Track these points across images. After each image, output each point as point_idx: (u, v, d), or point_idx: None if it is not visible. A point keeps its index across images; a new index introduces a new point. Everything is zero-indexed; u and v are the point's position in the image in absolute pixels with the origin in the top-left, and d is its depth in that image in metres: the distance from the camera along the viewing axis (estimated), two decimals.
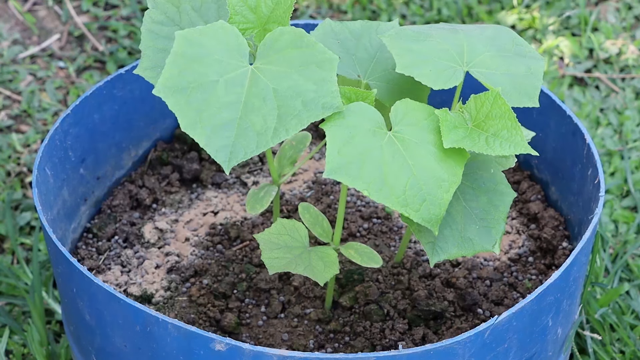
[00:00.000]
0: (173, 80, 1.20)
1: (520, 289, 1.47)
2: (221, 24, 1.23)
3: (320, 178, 1.64)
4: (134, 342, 1.29)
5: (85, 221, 1.58)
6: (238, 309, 1.45)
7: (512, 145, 1.22)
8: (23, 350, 1.65)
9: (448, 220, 1.28)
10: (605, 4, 2.31)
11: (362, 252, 1.35)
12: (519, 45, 1.34)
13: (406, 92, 1.33)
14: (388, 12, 2.27)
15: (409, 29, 1.32)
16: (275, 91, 1.20)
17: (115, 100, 1.57)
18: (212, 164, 1.65)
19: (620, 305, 1.72)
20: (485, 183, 1.31)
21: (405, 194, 1.20)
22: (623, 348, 1.66)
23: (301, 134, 1.43)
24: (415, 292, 1.45)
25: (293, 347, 1.40)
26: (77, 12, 2.27)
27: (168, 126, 1.68)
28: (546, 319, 1.32)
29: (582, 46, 2.21)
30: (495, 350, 1.26)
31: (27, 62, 2.17)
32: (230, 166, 1.18)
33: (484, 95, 1.24)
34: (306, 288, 1.46)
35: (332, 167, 1.19)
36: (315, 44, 1.21)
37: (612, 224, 1.87)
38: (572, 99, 2.10)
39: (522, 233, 1.57)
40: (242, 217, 1.58)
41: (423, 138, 1.22)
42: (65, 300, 1.43)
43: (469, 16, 2.27)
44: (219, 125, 1.19)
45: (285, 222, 1.35)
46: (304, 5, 2.29)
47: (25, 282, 1.73)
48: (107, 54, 2.17)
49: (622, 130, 2.03)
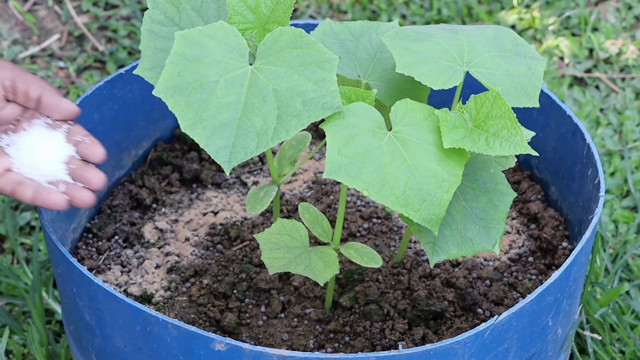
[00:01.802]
0: (173, 81, 1.20)
1: (520, 289, 1.47)
2: (221, 24, 1.23)
3: (320, 178, 1.64)
4: (134, 342, 1.29)
5: (85, 221, 1.58)
6: (238, 309, 1.45)
7: (512, 145, 1.22)
8: (23, 350, 1.65)
9: (448, 220, 1.28)
10: (605, 4, 2.31)
11: (362, 252, 1.35)
12: (519, 46, 1.34)
13: (406, 92, 1.33)
14: (388, 12, 2.27)
15: (409, 29, 1.32)
16: (275, 91, 1.20)
17: (115, 100, 1.57)
18: (212, 164, 1.65)
19: (620, 305, 1.72)
20: (485, 183, 1.31)
21: (405, 194, 1.20)
22: (623, 348, 1.66)
23: (301, 134, 1.43)
24: (415, 292, 1.45)
25: (293, 347, 1.40)
26: (77, 12, 2.27)
27: (168, 126, 1.68)
28: (546, 319, 1.32)
29: (582, 46, 2.21)
30: (495, 350, 1.26)
31: (27, 62, 2.17)
32: (231, 166, 1.18)
33: (484, 95, 1.24)
34: (306, 288, 1.46)
35: (332, 167, 1.19)
36: (315, 44, 1.21)
37: (612, 224, 1.87)
38: (572, 99, 2.10)
39: (522, 233, 1.57)
40: (242, 217, 1.58)
41: (423, 138, 1.22)
42: (65, 300, 1.43)
43: (469, 16, 2.27)
44: (219, 126, 1.19)
45: (285, 222, 1.35)
46: (304, 5, 2.29)
47: (25, 282, 1.73)
48: (107, 54, 2.17)
49: (622, 130, 2.03)
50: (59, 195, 1.33)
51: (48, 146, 1.37)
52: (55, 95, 1.37)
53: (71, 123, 1.39)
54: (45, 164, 1.36)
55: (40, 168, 1.36)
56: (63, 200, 1.33)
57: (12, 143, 1.37)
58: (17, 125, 1.38)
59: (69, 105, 1.37)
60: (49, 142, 1.37)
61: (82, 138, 1.38)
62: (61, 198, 1.33)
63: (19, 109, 1.37)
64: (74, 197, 1.34)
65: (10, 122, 1.37)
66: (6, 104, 1.36)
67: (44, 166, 1.36)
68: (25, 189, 1.34)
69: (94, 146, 1.38)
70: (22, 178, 1.35)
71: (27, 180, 1.35)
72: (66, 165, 1.36)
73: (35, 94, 1.36)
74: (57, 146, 1.37)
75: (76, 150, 1.38)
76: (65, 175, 1.36)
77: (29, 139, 1.37)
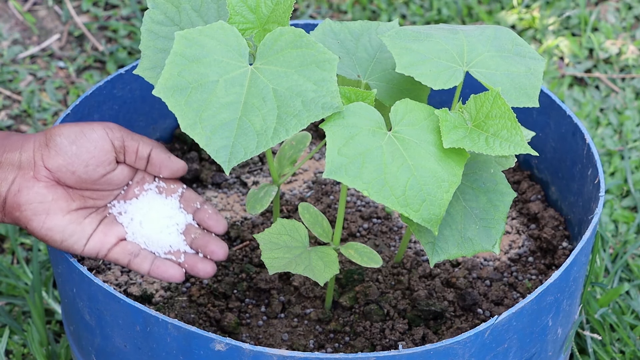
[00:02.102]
0: (173, 81, 1.20)
1: (520, 289, 1.47)
2: (221, 24, 1.23)
3: (320, 178, 1.64)
4: (134, 342, 1.29)
5: None
6: (238, 309, 1.45)
7: (512, 145, 1.22)
8: (23, 350, 1.65)
9: (448, 220, 1.28)
10: (605, 4, 2.31)
11: (362, 252, 1.35)
12: (519, 46, 1.34)
13: (406, 92, 1.33)
14: (388, 12, 2.27)
15: (409, 29, 1.32)
16: (275, 91, 1.20)
17: (115, 100, 1.57)
18: (212, 164, 1.65)
19: (620, 305, 1.72)
20: (485, 183, 1.31)
21: (405, 194, 1.20)
22: (623, 348, 1.66)
23: (301, 134, 1.43)
24: (415, 292, 1.45)
25: (293, 347, 1.40)
26: (77, 12, 2.27)
27: (168, 126, 1.68)
28: (546, 319, 1.32)
29: (582, 46, 2.21)
30: (495, 350, 1.26)
31: (27, 62, 2.17)
32: (230, 166, 1.18)
33: (484, 95, 1.24)
34: (306, 288, 1.46)
35: (332, 167, 1.19)
36: (315, 44, 1.21)
37: (612, 224, 1.87)
38: (572, 99, 2.10)
39: (522, 233, 1.57)
40: (242, 217, 1.58)
41: (423, 138, 1.22)
42: (65, 300, 1.43)
43: (469, 16, 2.27)
44: (219, 126, 1.19)
45: (285, 222, 1.35)
46: (304, 5, 2.29)
47: (25, 282, 1.73)
48: (107, 54, 2.17)
49: (622, 130, 2.03)
50: (177, 268, 1.33)
51: (164, 216, 1.36)
52: (164, 152, 1.36)
53: (184, 188, 1.38)
54: (163, 236, 1.35)
55: (158, 239, 1.35)
56: (181, 274, 1.33)
57: (124, 211, 1.36)
58: (127, 191, 1.37)
59: (177, 161, 1.36)
60: (165, 211, 1.36)
61: (199, 205, 1.38)
62: (179, 272, 1.33)
63: (129, 171, 1.36)
64: (195, 268, 1.34)
65: (121, 186, 1.36)
66: (116, 165, 1.34)
67: (162, 237, 1.35)
68: (142, 261, 1.33)
69: (217, 217, 1.37)
70: (138, 249, 1.34)
71: (144, 252, 1.33)
72: (184, 235, 1.36)
73: (145, 151, 1.35)
74: (174, 216, 1.36)
75: (194, 218, 1.37)
76: (184, 245, 1.35)
77: (143, 208, 1.36)
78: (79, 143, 1.31)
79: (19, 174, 1.30)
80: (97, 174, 1.32)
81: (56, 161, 1.30)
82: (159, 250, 1.34)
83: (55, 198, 1.30)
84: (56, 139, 1.30)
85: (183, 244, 1.35)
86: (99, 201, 1.35)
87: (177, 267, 1.33)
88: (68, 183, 1.31)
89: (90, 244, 1.32)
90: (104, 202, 1.35)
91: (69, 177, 1.31)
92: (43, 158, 1.30)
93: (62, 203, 1.31)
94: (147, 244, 1.34)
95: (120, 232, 1.34)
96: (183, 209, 1.38)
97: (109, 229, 1.33)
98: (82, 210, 1.33)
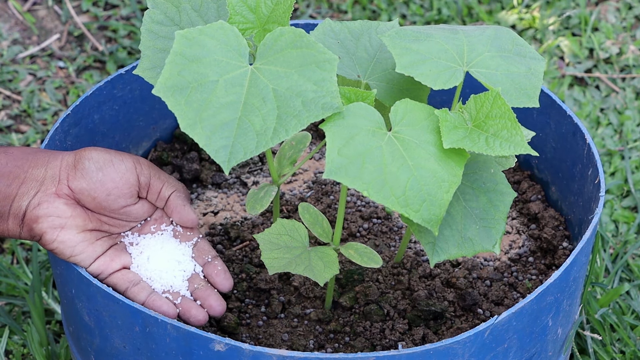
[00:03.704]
0: (173, 80, 1.20)
1: (520, 289, 1.47)
2: (221, 24, 1.23)
3: (320, 178, 1.64)
4: (134, 343, 1.29)
5: None
6: (238, 309, 1.45)
7: (512, 145, 1.22)
8: (23, 350, 1.65)
9: (448, 220, 1.28)
10: (605, 4, 2.31)
11: (362, 252, 1.35)
12: (519, 46, 1.34)
13: (406, 92, 1.33)
14: (388, 12, 2.27)
15: (409, 29, 1.32)
16: (275, 91, 1.20)
17: (115, 100, 1.57)
18: (212, 164, 1.65)
19: (620, 305, 1.72)
20: (485, 183, 1.31)
21: (405, 194, 1.20)
22: (623, 348, 1.66)
23: (301, 134, 1.43)
24: (415, 292, 1.45)
25: (293, 347, 1.40)
26: (77, 12, 2.27)
27: (168, 126, 1.68)
28: (546, 319, 1.32)
29: (582, 46, 2.21)
30: (495, 350, 1.26)
31: (27, 62, 2.16)
32: (230, 166, 1.18)
33: (484, 95, 1.24)
34: (306, 288, 1.46)
35: (332, 168, 1.19)
36: (315, 44, 1.21)
37: (613, 224, 1.86)
38: (572, 99, 2.10)
39: (522, 233, 1.57)
40: (242, 217, 1.58)
41: (423, 138, 1.22)
42: (65, 301, 1.43)
43: (469, 16, 2.27)
44: (219, 126, 1.19)
45: (285, 222, 1.35)
46: (304, 5, 2.29)
47: (25, 282, 1.73)
48: (107, 54, 2.17)
49: (623, 130, 2.03)
50: (172, 306, 1.33)
51: (173, 259, 1.36)
52: (182, 199, 1.37)
53: (199, 237, 1.39)
54: (167, 276, 1.35)
55: (161, 278, 1.35)
56: (174, 313, 1.33)
57: (135, 242, 1.36)
58: (144, 226, 1.38)
59: (190, 212, 1.37)
60: (175, 255, 1.37)
61: (210, 258, 1.38)
62: (173, 310, 1.33)
63: (149, 207, 1.37)
64: (188, 312, 1.34)
65: (139, 219, 1.37)
66: (137, 200, 1.35)
67: (166, 277, 1.35)
68: (140, 291, 1.33)
69: (225, 275, 1.38)
70: (138, 279, 1.34)
71: (143, 283, 1.34)
72: (188, 282, 1.36)
73: (167, 193, 1.36)
74: (183, 262, 1.37)
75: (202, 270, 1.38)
76: (185, 290, 1.36)
77: (155, 245, 1.36)
78: (105, 171, 1.32)
79: (41, 189, 1.31)
80: (117, 205, 1.33)
81: (80, 183, 1.31)
82: (159, 288, 1.35)
83: (73, 215, 1.31)
84: (85, 162, 1.32)
85: (184, 289, 1.36)
86: (114, 228, 1.36)
87: (172, 306, 1.33)
88: (87, 206, 1.33)
89: (95, 265, 1.33)
90: (118, 230, 1.37)
91: (90, 201, 1.32)
92: (69, 177, 1.31)
93: (79, 221, 1.32)
94: (150, 278, 1.35)
95: (126, 261, 1.35)
96: (194, 258, 1.39)
97: (116, 255, 1.34)
98: (97, 232, 1.34)
